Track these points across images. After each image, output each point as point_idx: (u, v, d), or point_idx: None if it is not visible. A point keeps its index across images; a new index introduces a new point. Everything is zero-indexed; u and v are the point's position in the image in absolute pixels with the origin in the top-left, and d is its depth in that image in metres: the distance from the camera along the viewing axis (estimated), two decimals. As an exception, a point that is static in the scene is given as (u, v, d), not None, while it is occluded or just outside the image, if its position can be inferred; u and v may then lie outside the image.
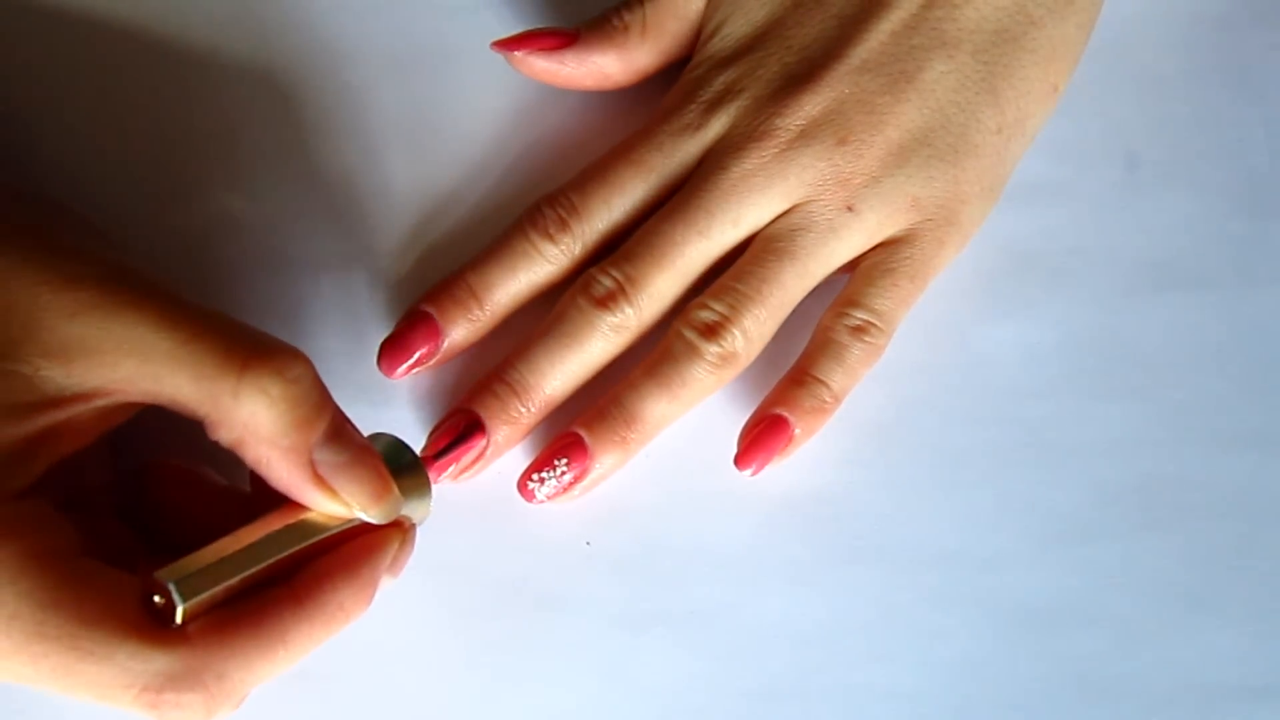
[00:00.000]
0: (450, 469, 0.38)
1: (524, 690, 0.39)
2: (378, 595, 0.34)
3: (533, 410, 0.38)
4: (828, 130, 0.38)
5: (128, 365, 0.31)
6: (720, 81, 0.39)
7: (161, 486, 0.36)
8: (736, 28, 0.40)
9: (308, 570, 0.33)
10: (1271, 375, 0.42)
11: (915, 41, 0.38)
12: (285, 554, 0.33)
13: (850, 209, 0.38)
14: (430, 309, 0.39)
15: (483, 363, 0.40)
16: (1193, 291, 0.42)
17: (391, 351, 0.39)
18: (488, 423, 0.38)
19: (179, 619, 0.31)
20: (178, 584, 0.31)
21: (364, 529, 0.34)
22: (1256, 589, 0.41)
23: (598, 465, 0.38)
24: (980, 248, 0.41)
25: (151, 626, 0.31)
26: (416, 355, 0.39)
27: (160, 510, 0.35)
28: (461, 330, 0.39)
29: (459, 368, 0.40)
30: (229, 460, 0.33)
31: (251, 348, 0.31)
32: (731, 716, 0.39)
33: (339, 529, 0.33)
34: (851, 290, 0.39)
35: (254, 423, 0.31)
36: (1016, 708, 0.40)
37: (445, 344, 0.39)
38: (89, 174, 0.41)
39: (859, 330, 0.39)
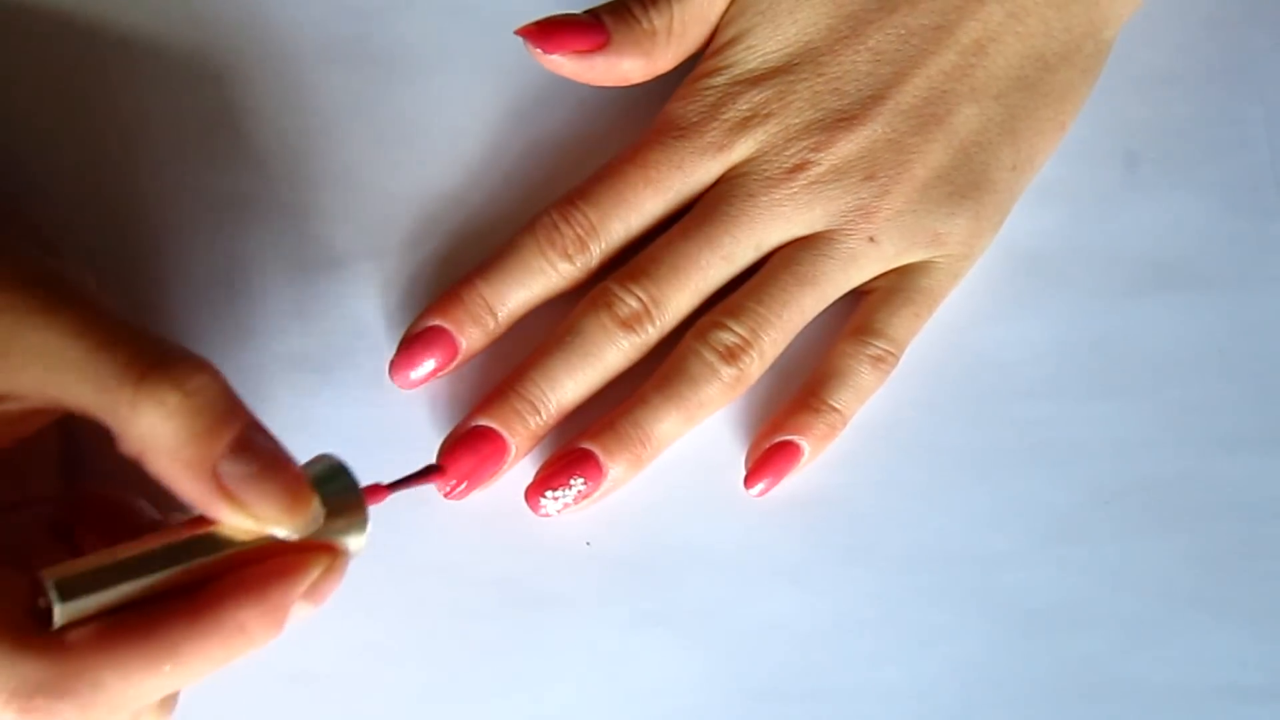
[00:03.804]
0: (463, 484, 0.38)
1: (524, 690, 0.39)
2: (377, 598, 0.34)
3: (548, 422, 0.39)
4: (857, 167, 0.39)
5: (33, 371, 0.30)
6: (747, 102, 0.39)
7: (89, 514, 0.34)
8: (763, 41, 0.39)
9: (210, 586, 0.31)
10: (1271, 375, 0.42)
11: (948, 88, 0.39)
12: (187, 566, 0.30)
13: (872, 240, 0.39)
14: (445, 323, 0.38)
15: (480, 360, 0.40)
16: (1193, 291, 0.42)
17: (405, 363, 0.39)
18: (507, 437, 0.38)
19: (56, 622, 0.29)
20: (57, 583, 0.29)
21: (285, 549, 0.31)
22: (1256, 589, 0.41)
23: (609, 481, 0.39)
24: (980, 248, 0.41)
25: (27, 631, 0.29)
26: (432, 367, 0.39)
27: (87, 538, 0.34)
28: (477, 343, 0.39)
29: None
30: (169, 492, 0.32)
31: (154, 359, 0.30)
32: (731, 716, 0.39)
33: (252, 546, 0.31)
34: (872, 318, 0.40)
35: (151, 435, 0.30)
36: (1016, 708, 0.40)
37: (460, 357, 0.39)
38: (79, 182, 0.41)
39: (879, 360, 0.40)
